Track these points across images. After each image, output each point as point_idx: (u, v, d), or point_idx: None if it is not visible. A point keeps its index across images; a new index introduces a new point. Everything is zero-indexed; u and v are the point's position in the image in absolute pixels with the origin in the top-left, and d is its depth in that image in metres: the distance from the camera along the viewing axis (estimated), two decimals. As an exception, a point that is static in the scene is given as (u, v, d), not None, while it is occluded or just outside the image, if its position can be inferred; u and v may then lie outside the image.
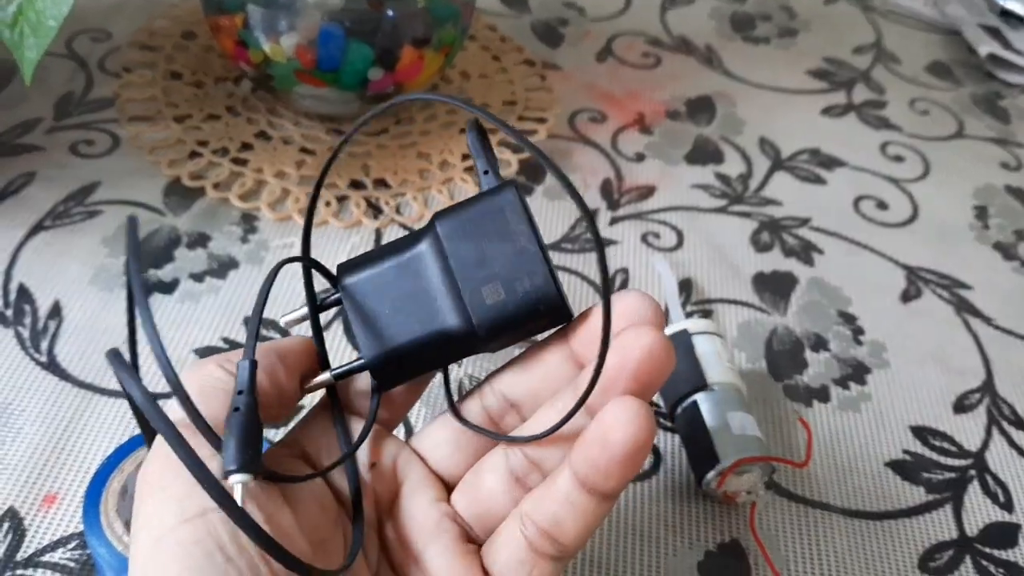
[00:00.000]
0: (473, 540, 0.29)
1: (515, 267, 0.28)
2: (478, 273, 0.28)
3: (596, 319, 0.28)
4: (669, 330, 0.47)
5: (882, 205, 0.63)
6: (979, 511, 0.46)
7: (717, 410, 0.44)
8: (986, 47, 0.77)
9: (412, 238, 0.29)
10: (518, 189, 0.28)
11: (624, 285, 0.54)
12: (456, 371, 0.48)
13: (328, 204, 0.55)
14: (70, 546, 0.38)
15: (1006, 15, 0.84)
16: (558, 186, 0.59)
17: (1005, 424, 0.50)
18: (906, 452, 0.48)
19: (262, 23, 0.55)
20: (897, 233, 0.61)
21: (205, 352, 0.47)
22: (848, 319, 0.54)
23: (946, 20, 0.83)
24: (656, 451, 0.46)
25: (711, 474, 0.42)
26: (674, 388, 0.46)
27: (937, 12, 0.84)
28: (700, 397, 0.44)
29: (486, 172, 0.29)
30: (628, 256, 0.56)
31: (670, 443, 0.46)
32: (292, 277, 0.51)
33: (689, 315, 0.53)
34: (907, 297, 0.56)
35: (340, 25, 0.54)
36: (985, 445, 0.49)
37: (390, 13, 0.55)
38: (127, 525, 0.37)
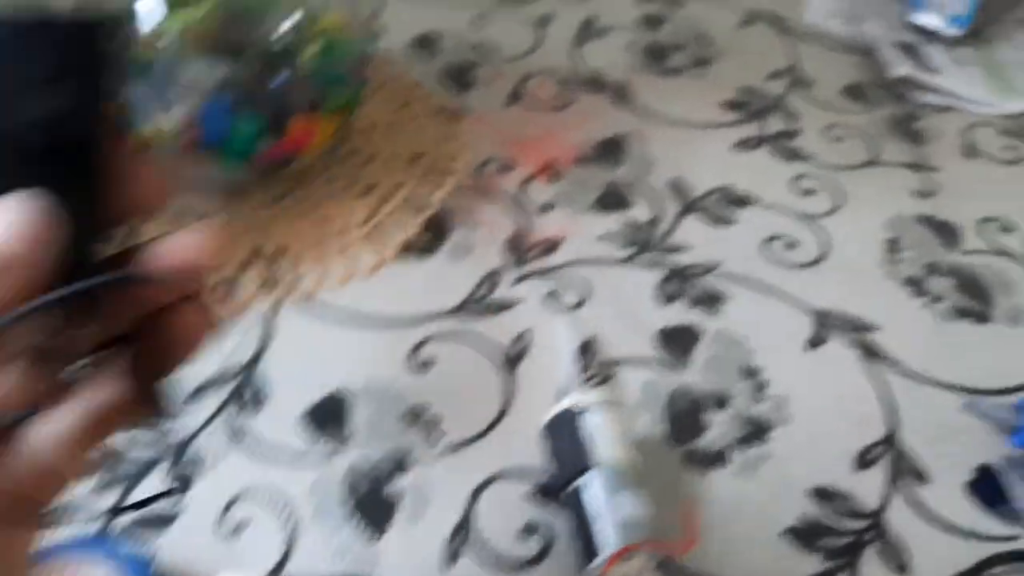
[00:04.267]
0: None
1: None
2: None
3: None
4: (559, 406, 0.47)
5: (791, 244, 0.62)
6: None
7: (603, 492, 0.43)
8: (899, 69, 0.77)
9: None
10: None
11: (526, 350, 0.53)
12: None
13: (222, 284, 0.55)
14: None
15: (921, 30, 0.83)
16: (463, 246, 0.59)
17: (906, 478, 0.50)
18: (803, 517, 0.47)
19: (147, 101, 0.54)
20: (805, 274, 0.60)
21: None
22: (751, 373, 0.54)
23: (863, 39, 0.82)
24: (544, 536, 0.45)
25: (595, 562, 0.42)
26: (564, 468, 0.45)
27: (854, 31, 0.84)
28: (587, 479, 0.44)
29: None
30: (531, 317, 0.55)
31: (561, 526, 0.45)
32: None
33: (591, 378, 0.52)
34: (813, 344, 0.56)
35: (224, 98, 0.53)
36: (885, 503, 0.49)
37: (278, 81, 0.54)
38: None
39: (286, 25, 0.55)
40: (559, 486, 0.45)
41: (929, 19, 0.82)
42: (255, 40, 0.54)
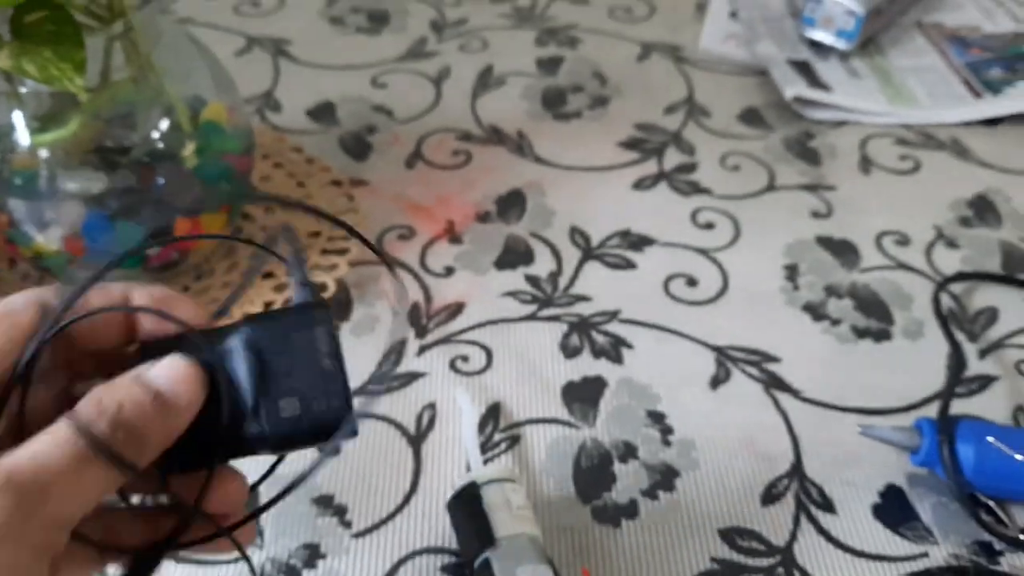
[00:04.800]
0: None
1: (315, 386, 0.30)
2: (280, 385, 0.30)
3: None
4: (459, 483, 0.48)
5: (692, 282, 0.63)
6: (786, 614, 0.46)
7: (506, 568, 0.44)
8: (792, 88, 0.78)
9: (222, 332, 0.31)
10: (330, 312, 0.31)
11: (431, 423, 0.54)
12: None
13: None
14: None
15: (815, 45, 0.85)
16: (365, 323, 0.59)
17: (813, 508, 0.50)
18: (714, 560, 0.48)
19: (28, 218, 0.54)
20: (707, 311, 0.61)
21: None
22: (657, 418, 0.54)
23: (757, 61, 0.84)
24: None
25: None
26: (468, 546, 0.46)
27: (748, 53, 0.85)
28: (490, 555, 0.44)
29: (304, 284, 0.32)
30: (436, 388, 0.56)
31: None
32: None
33: (497, 444, 0.53)
34: (716, 382, 0.57)
35: (103, 210, 0.53)
36: (793, 536, 0.49)
37: (161, 182, 0.55)
38: None
39: (163, 126, 0.56)
40: (467, 561, 0.46)
41: (820, 35, 0.83)
42: (132, 146, 0.55)
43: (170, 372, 0.29)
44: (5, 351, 0.28)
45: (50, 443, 0.26)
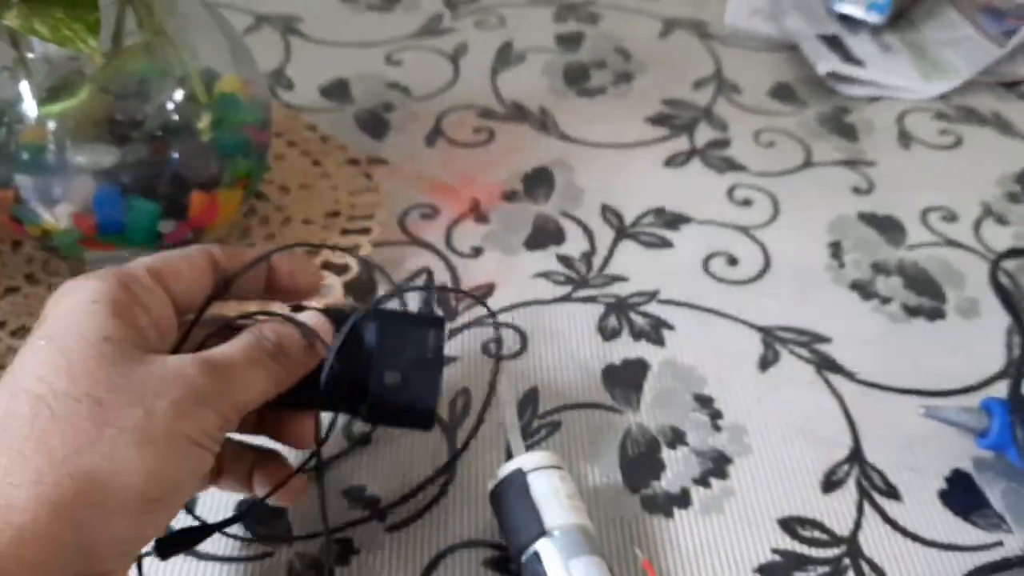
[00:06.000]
0: None
1: (416, 369, 0.39)
2: (392, 359, 0.39)
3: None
4: (503, 471, 0.44)
5: (732, 260, 0.60)
6: (855, 608, 0.43)
7: (559, 559, 0.40)
8: (825, 64, 0.75)
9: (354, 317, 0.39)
10: (444, 326, 0.41)
11: (466, 408, 0.51)
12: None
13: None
14: None
15: (845, 19, 0.82)
16: (387, 306, 0.56)
17: (876, 496, 0.47)
18: (775, 551, 0.45)
19: (35, 194, 0.51)
20: (750, 290, 0.58)
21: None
22: (704, 402, 0.51)
23: (786, 36, 0.81)
24: (507, 608, 0.42)
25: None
26: (515, 538, 0.42)
27: (776, 28, 0.82)
28: (541, 546, 0.41)
29: (428, 306, 0.46)
30: (469, 374, 0.52)
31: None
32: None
33: (536, 431, 0.50)
34: (765, 364, 0.54)
35: (115, 184, 0.50)
36: (858, 526, 0.46)
37: (175, 155, 0.51)
38: None
39: (176, 97, 0.52)
40: (514, 554, 0.42)
41: (850, 8, 0.80)
42: (144, 118, 0.51)
43: (312, 319, 0.38)
44: (195, 287, 0.37)
45: (235, 346, 0.35)
